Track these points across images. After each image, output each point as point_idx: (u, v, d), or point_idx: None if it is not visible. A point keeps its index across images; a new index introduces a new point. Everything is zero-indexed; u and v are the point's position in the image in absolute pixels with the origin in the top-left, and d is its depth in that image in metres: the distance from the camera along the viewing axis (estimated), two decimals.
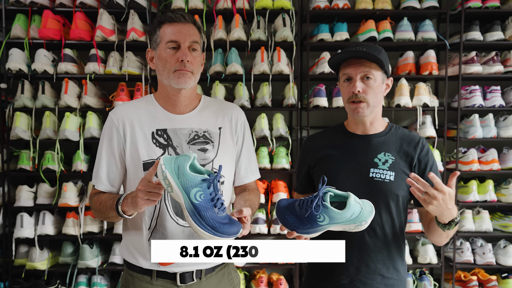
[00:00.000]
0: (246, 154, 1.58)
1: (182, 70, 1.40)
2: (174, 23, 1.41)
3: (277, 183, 2.97)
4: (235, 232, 1.21)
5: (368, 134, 1.51)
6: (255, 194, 1.57)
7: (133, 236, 1.48)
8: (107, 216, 1.42)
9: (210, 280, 1.49)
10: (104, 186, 1.48)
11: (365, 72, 1.42)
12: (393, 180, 1.43)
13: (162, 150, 1.44)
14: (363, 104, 1.43)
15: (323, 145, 1.55)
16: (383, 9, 2.89)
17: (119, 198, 1.35)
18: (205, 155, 1.46)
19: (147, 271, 1.45)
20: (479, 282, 2.94)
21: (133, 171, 1.45)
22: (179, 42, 1.40)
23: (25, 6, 2.82)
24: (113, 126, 1.46)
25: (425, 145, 1.49)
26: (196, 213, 1.18)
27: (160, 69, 1.43)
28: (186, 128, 1.47)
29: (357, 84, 1.42)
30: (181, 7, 2.83)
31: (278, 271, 3.18)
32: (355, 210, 1.24)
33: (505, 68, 2.98)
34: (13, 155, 2.92)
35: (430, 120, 2.96)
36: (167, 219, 1.42)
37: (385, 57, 1.44)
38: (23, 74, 2.85)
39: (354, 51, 1.42)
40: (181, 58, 1.39)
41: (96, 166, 1.49)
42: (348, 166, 1.47)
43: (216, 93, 2.86)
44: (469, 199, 2.95)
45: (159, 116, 1.47)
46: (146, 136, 1.44)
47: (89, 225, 2.82)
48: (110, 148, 1.46)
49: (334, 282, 1.48)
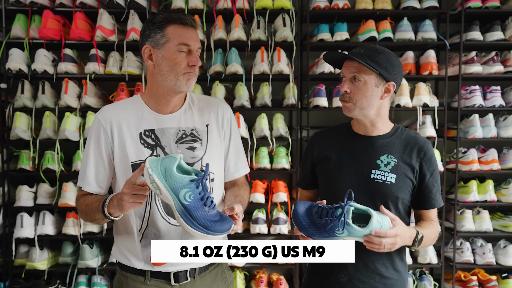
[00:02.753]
0: (235, 149, 1.57)
1: (191, 73, 1.41)
2: (185, 26, 1.41)
3: (277, 183, 2.97)
4: (227, 229, 1.22)
5: (371, 135, 1.51)
6: (245, 189, 1.56)
7: (125, 237, 1.47)
8: (94, 218, 1.40)
9: (203, 279, 1.49)
10: (92, 188, 1.46)
11: (354, 73, 1.43)
12: (394, 182, 1.44)
13: (150, 151, 1.43)
14: (349, 104, 1.45)
15: (328, 143, 1.56)
16: (383, 9, 2.89)
17: (104, 200, 1.34)
18: (194, 153, 1.45)
19: (140, 271, 1.46)
20: (479, 282, 2.94)
21: (121, 173, 1.44)
22: (191, 47, 1.40)
23: (25, 6, 2.82)
24: (100, 127, 1.45)
25: (429, 150, 1.50)
26: (186, 214, 1.18)
27: (165, 69, 1.41)
28: (174, 128, 1.46)
29: (345, 84, 1.45)
30: (181, 7, 2.83)
31: (278, 271, 3.18)
32: (375, 227, 1.28)
33: (505, 68, 2.98)
34: (13, 155, 2.92)
35: (430, 120, 2.96)
36: (158, 219, 1.42)
37: (383, 60, 1.42)
38: (23, 74, 2.85)
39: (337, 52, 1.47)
40: (194, 63, 1.40)
41: (82, 168, 1.47)
42: (350, 166, 1.48)
43: (216, 93, 2.86)
44: (469, 199, 2.95)
45: (146, 116, 1.47)
46: (134, 137, 1.44)
47: (89, 225, 2.82)
48: (98, 149, 1.45)
49: (333, 280, 1.50)
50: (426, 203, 1.50)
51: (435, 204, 1.50)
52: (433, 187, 1.49)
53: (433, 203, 1.50)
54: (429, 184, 1.48)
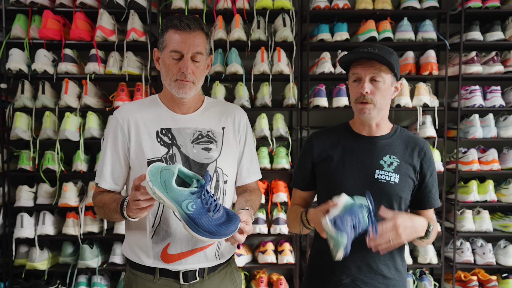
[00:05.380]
0: (248, 155, 1.59)
1: (182, 81, 1.41)
2: (178, 31, 1.40)
3: (277, 183, 2.97)
4: (233, 230, 1.23)
5: (374, 135, 1.51)
6: (257, 195, 1.58)
7: (137, 234, 1.48)
8: (112, 218, 1.43)
9: (212, 279, 1.49)
10: (108, 184, 1.48)
11: (374, 74, 1.41)
12: (397, 182, 1.44)
13: (166, 149, 1.45)
14: (369, 105, 1.43)
15: (328, 143, 1.55)
16: (383, 9, 2.89)
17: (122, 202, 1.34)
18: (209, 154, 1.47)
19: (150, 269, 1.46)
20: (479, 282, 2.94)
21: (137, 169, 1.46)
22: (181, 53, 1.40)
23: (25, 6, 2.82)
24: (118, 125, 1.47)
25: (429, 150, 1.51)
26: (191, 222, 1.20)
27: (164, 74, 1.45)
28: (190, 128, 1.48)
29: (366, 85, 1.42)
30: (181, 7, 2.83)
31: (278, 271, 3.18)
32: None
33: (505, 68, 2.98)
34: (13, 155, 2.92)
35: (430, 120, 2.96)
36: (170, 217, 1.43)
37: (396, 60, 1.43)
38: (23, 74, 2.85)
39: (365, 52, 1.41)
40: (182, 69, 1.40)
41: (100, 165, 1.50)
42: (353, 167, 1.48)
43: (216, 93, 2.86)
44: (469, 199, 2.95)
45: (164, 115, 1.49)
46: (151, 135, 1.46)
47: (89, 225, 2.82)
48: (115, 147, 1.47)
49: (335, 282, 1.48)
50: (426, 202, 1.51)
51: (434, 204, 1.52)
52: (432, 187, 1.50)
53: (432, 203, 1.51)
54: (429, 184, 1.49)
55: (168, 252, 1.44)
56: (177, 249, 1.43)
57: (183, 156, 1.45)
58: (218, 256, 1.49)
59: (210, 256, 1.47)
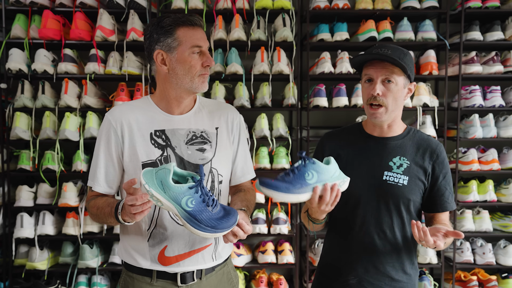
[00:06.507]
0: (242, 154, 1.58)
1: (206, 74, 1.43)
2: (195, 27, 1.41)
3: None
4: (233, 222, 1.24)
5: (385, 136, 1.50)
6: (251, 194, 1.58)
7: (133, 236, 1.47)
8: (106, 222, 1.40)
9: (210, 280, 1.49)
10: (102, 188, 1.46)
11: (387, 76, 1.40)
12: (406, 184, 1.43)
13: (160, 151, 1.43)
14: (381, 109, 1.41)
15: (339, 143, 1.55)
16: (383, 9, 2.89)
17: (117, 206, 1.31)
18: (204, 155, 1.46)
19: (147, 271, 1.45)
20: (479, 282, 2.94)
21: (131, 172, 1.44)
22: (202, 48, 1.41)
23: (25, 6, 2.82)
24: (110, 127, 1.45)
25: (442, 152, 1.49)
26: (192, 219, 1.19)
27: (180, 73, 1.41)
28: (184, 129, 1.47)
29: (377, 87, 1.40)
30: (181, 7, 2.83)
31: (278, 271, 3.18)
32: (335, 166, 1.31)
33: (505, 68, 2.98)
34: (13, 155, 2.92)
35: (430, 120, 2.96)
36: (166, 219, 1.42)
37: (409, 61, 1.41)
38: (23, 74, 2.85)
39: (377, 54, 1.40)
40: (208, 64, 1.41)
41: (93, 168, 1.47)
42: (362, 167, 1.47)
43: (216, 93, 2.86)
44: (469, 199, 2.95)
45: (157, 117, 1.47)
46: (145, 137, 1.44)
47: (89, 225, 2.82)
48: (108, 150, 1.45)
49: (342, 282, 1.48)
50: (438, 206, 1.48)
51: (447, 207, 1.48)
52: (445, 190, 1.47)
53: (445, 206, 1.48)
54: (442, 187, 1.47)
55: (165, 254, 1.43)
56: (174, 252, 1.43)
57: (177, 157, 1.43)
58: (215, 257, 1.49)
59: (207, 258, 1.46)
